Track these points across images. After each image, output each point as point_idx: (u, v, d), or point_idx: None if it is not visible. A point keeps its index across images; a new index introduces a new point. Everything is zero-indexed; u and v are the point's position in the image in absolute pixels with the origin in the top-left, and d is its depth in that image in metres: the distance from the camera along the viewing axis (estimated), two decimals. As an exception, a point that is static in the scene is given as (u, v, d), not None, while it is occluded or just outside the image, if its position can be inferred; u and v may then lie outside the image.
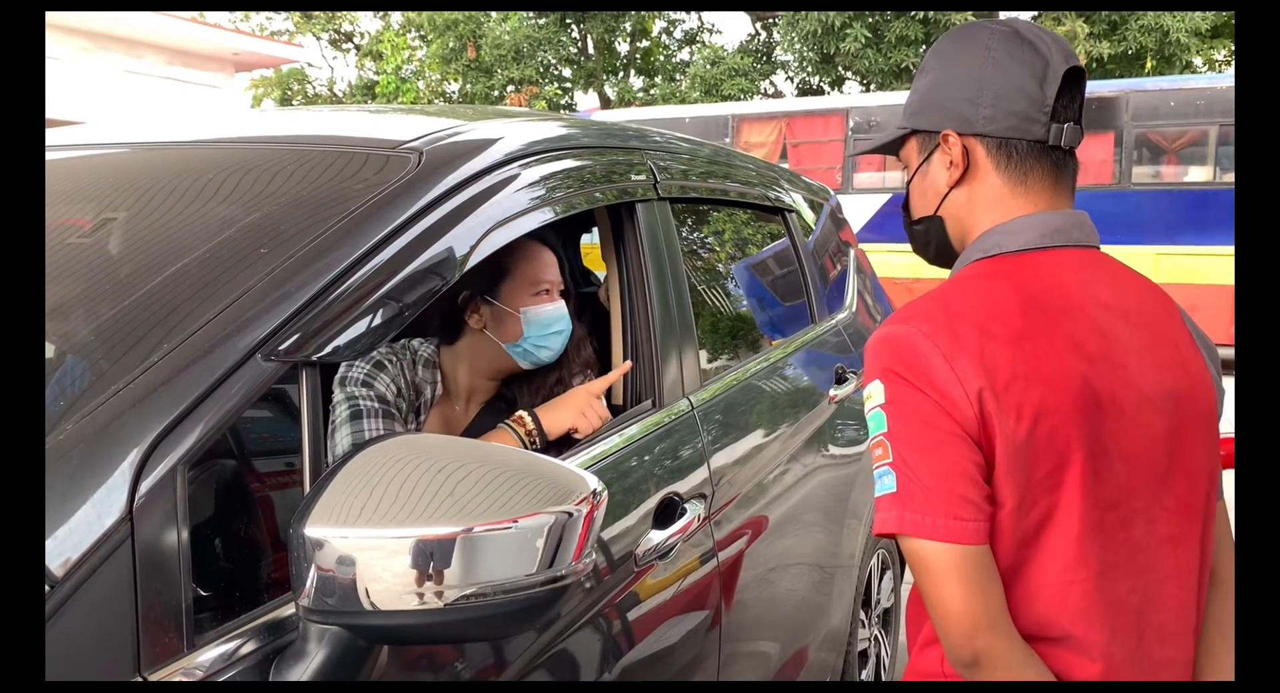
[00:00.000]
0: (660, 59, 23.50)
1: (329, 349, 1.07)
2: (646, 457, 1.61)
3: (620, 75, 23.70)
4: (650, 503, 1.54)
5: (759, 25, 21.11)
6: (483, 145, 1.42)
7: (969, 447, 0.98)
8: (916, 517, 0.97)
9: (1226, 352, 7.97)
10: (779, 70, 20.80)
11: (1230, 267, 8.71)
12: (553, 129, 1.69)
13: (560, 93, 22.50)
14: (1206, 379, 1.10)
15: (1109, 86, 10.36)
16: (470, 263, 1.28)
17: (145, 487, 0.88)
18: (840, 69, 18.38)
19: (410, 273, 1.18)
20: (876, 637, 2.81)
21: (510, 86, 21.72)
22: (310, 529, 0.86)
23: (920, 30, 16.04)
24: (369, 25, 35.39)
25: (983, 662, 0.97)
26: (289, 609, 0.98)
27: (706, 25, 23.49)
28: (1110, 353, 1.03)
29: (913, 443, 0.99)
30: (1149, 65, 16.23)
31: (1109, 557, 1.02)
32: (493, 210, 1.35)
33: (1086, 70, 1.24)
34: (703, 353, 1.95)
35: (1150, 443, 1.04)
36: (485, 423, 1.72)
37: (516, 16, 21.16)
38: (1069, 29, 15.50)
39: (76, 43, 13.47)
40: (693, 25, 23.35)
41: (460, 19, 21.17)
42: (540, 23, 21.46)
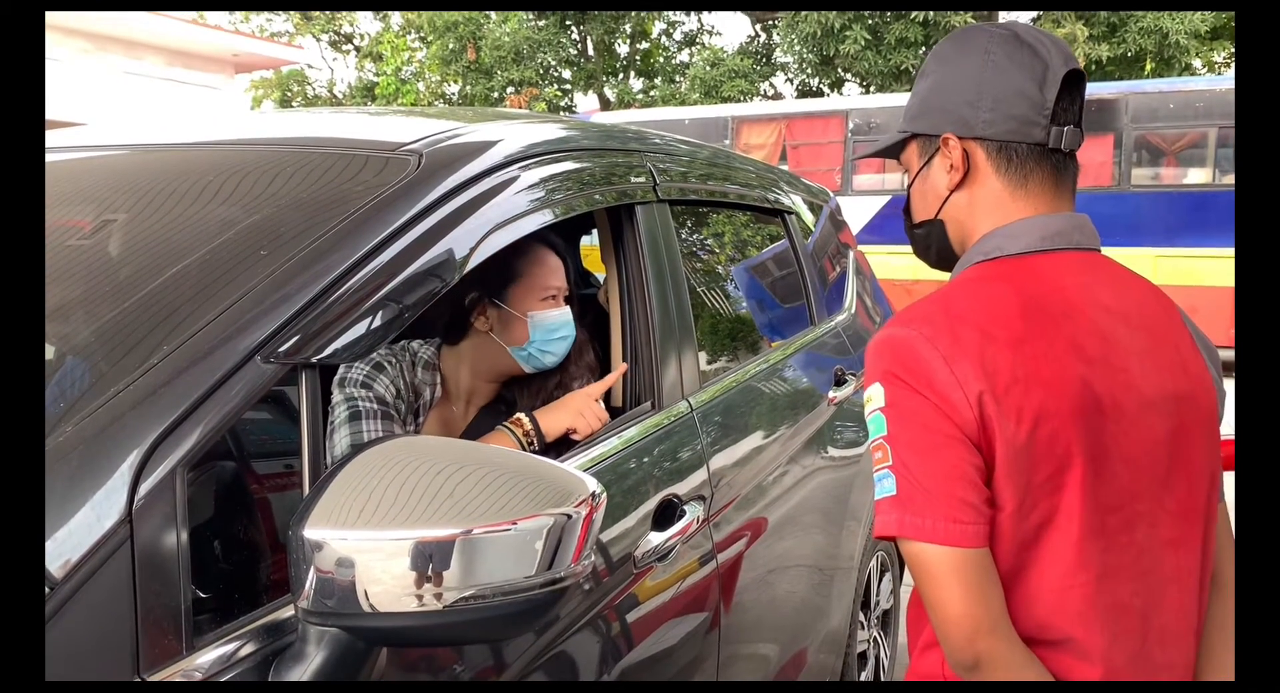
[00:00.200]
0: (660, 61, 23.52)
1: (328, 351, 1.07)
2: (645, 458, 1.61)
3: (620, 77, 23.73)
4: (649, 505, 1.54)
5: (759, 27, 21.12)
6: (482, 147, 1.42)
7: (969, 450, 0.98)
8: (916, 520, 0.97)
9: (1226, 354, 7.98)
10: (778, 72, 20.82)
11: (1230, 268, 8.72)
12: (552, 131, 1.69)
13: (560, 94, 22.50)
14: (1207, 381, 1.10)
15: (1108, 89, 10.37)
16: (470, 265, 1.28)
17: (145, 489, 0.88)
18: (840, 71, 18.40)
19: (410, 275, 1.18)
20: (876, 639, 2.81)
21: (510, 88, 21.73)
22: (309, 531, 0.86)
23: (920, 32, 16.04)
24: (369, 27, 35.47)
25: (983, 665, 0.97)
26: (288, 611, 0.98)
27: (706, 27, 23.54)
28: (1111, 356, 1.03)
29: (913, 446, 0.99)
30: (1148, 67, 16.25)
31: (1111, 560, 1.02)
32: (492, 212, 1.35)
33: (1086, 72, 1.24)
34: (702, 355, 1.95)
35: (1151, 446, 1.04)
36: (484, 425, 1.72)
37: (516, 18, 21.17)
38: (1068, 32, 15.51)
39: (76, 44, 13.48)
40: (692, 27, 23.39)
41: (460, 20, 21.18)
42: (540, 24, 21.48)
